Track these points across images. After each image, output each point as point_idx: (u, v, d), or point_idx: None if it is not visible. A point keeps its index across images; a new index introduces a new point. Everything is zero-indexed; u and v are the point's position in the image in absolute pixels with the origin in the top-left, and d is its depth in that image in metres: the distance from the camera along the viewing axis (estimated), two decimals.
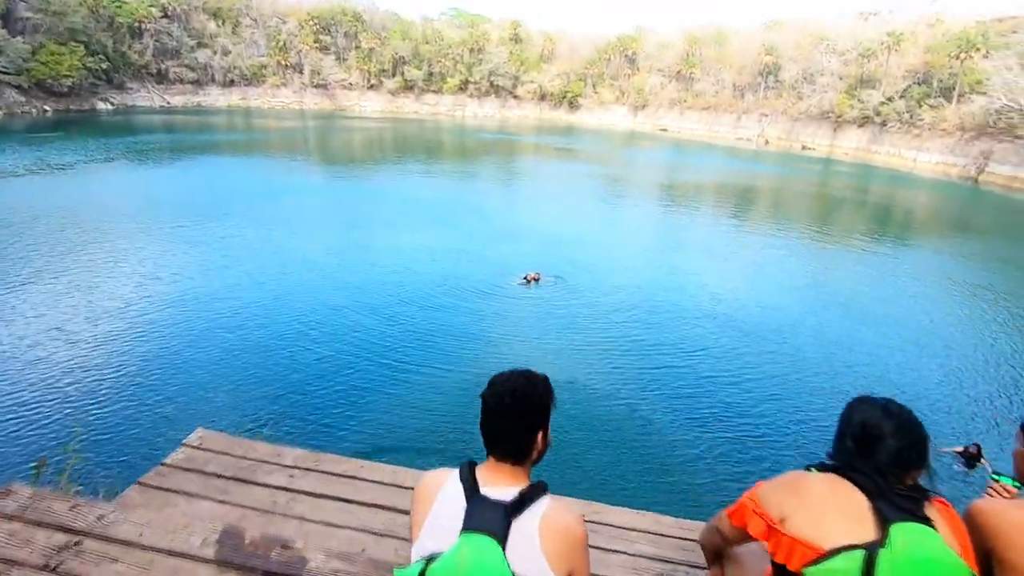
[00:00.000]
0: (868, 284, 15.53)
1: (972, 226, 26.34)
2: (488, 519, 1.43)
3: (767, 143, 61.12)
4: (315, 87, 77.19)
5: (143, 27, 64.31)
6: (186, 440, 3.57)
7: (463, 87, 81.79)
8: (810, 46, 62.72)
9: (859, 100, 54.09)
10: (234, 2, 75.37)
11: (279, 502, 3.07)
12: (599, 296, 13.21)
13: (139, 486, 3.11)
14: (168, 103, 65.05)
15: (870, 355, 10.86)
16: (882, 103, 52.12)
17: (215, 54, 70.64)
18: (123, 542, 2.21)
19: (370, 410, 8.00)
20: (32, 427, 7.14)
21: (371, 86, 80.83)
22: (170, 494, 3.07)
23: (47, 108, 51.51)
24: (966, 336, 12.18)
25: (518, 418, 1.51)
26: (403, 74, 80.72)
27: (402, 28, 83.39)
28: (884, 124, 51.94)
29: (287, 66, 76.05)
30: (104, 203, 19.76)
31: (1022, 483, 1.88)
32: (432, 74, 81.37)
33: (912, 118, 49.69)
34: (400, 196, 24.69)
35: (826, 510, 1.50)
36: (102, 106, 57.39)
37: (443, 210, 22.22)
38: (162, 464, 3.34)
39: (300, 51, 76.01)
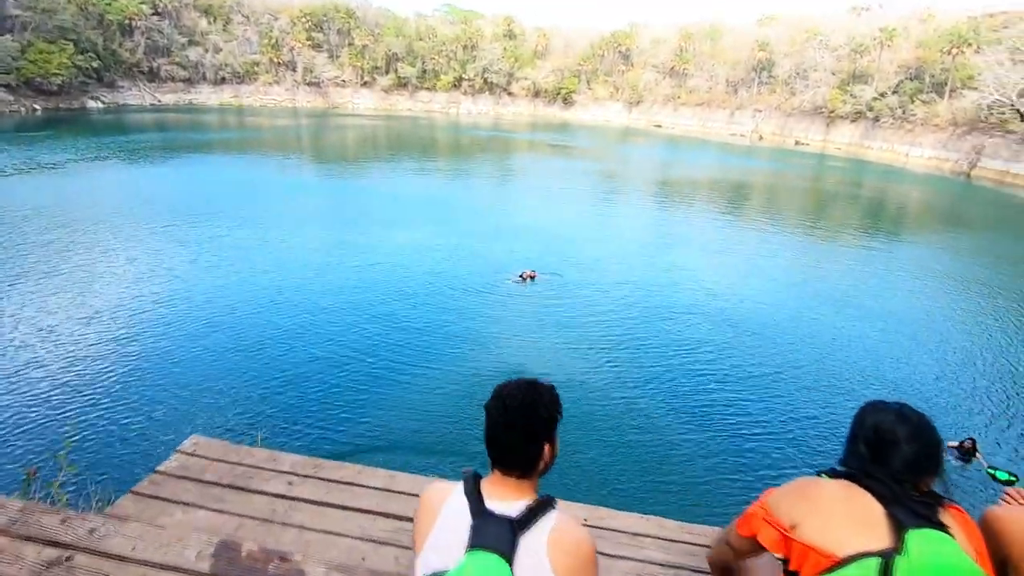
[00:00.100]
0: (863, 279, 15.56)
1: (965, 221, 26.47)
2: (495, 535, 1.39)
3: (761, 138, 61.28)
4: (308, 85, 76.76)
5: (133, 25, 63.75)
6: (180, 447, 3.50)
7: (457, 84, 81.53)
8: (803, 41, 62.91)
9: (852, 95, 54.28)
10: None
11: (278, 510, 3.01)
12: (596, 293, 13.17)
13: (132, 495, 3.04)
14: (159, 101, 64.57)
15: (866, 350, 10.87)
16: (875, 98, 52.31)
17: (206, 52, 70.13)
18: (116, 557, 2.15)
19: (367, 412, 7.93)
20: (21, 434, 7.02)
21: (364, 83, 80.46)
22: (164, 503, 3.00)
23: (36, 107, 51.02)
24: (961, 331, 12.22)
25: (524, 430, 1.47)
26: (396, 71, 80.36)
27: (395, 25, 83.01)
28: (877, 119, 52.13)
29: (279, 64, 75.59)
30: (95, 203, 19.56)
31: None
32: (426, 71, 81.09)
33: (904, 113, 49.89)
34: (394, 194, 24.58)
35: (839, 517, 1.47)
36: (92, 104, 56.92)
37: (438, 208, 22.14)
38: (155, 472, 3.27)
39: (292, 48, 75.55)
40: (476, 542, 1.38)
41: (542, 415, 1.48)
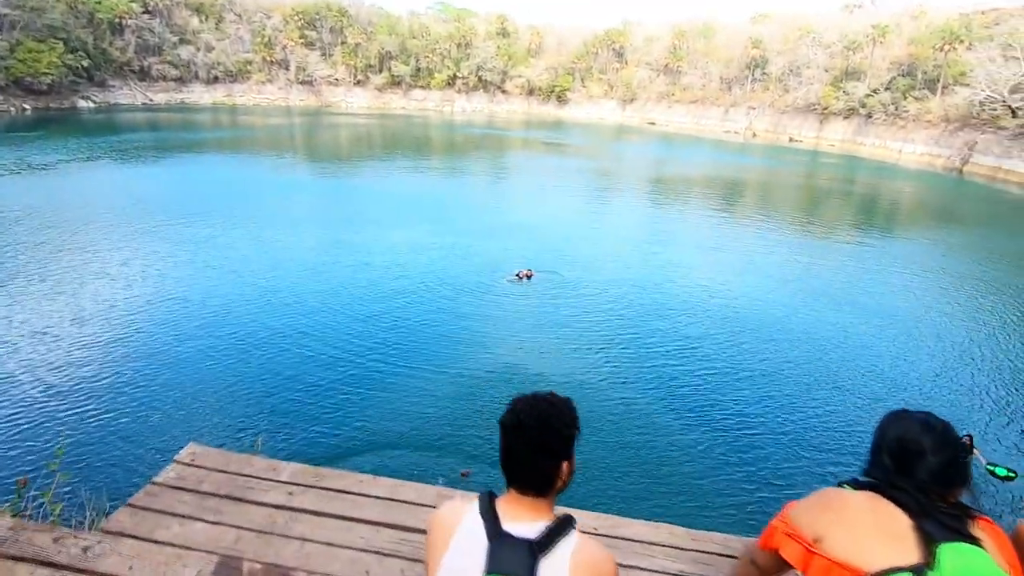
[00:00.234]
0: (857, 276, 15.58)
1: (958, 217, 26.58)
2: (513, 559, 1.33)
3: (754, 136, 61.39)
4: (301, 83, 76.34)
5: (124, 23, 63.16)
6: (177, 456, 3.42)
7: (451, 82, 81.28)
8: (796, 39, 63.08)
9: (845, 92, 54.46)
10: None
11: (278, 522, 2.93)
12: (593, 292, 13.11)
13: (128, 508, 2.95)
14: (151, 100, 64.04)
15: (864, 348, 10.85)
16: (867, 95, 52.49)
17: (198, 50, 69.59)
18: None
19: (368, 417, 7.81)
20: (11, 442, 6.84)
21: (358, 82, 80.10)
22: (161, 516, 2.92)
23: (26, 106, 50.51)
24: (956, 327, 12.23)
25: (542, 448, 1.40)
26: (390, 70, 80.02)
27: (388, 23, 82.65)
28: (870, 116, 52.33)
29: (272, 62, 75.12)
30: (86, 203, 19.34)
31: None
32: (419, 69, 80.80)
33: (897, 110, 50.08)
34: (389, 193, 24.46)
35: (866, 530, 1.42)
36: (83, 104, 56.40)
37: (433, 207, 22.03)
38: (152, 483, 3.18)
39: (285, 47, 75.09)
40: (494, 567, 1.32)
41: (560, 431, 1.41)
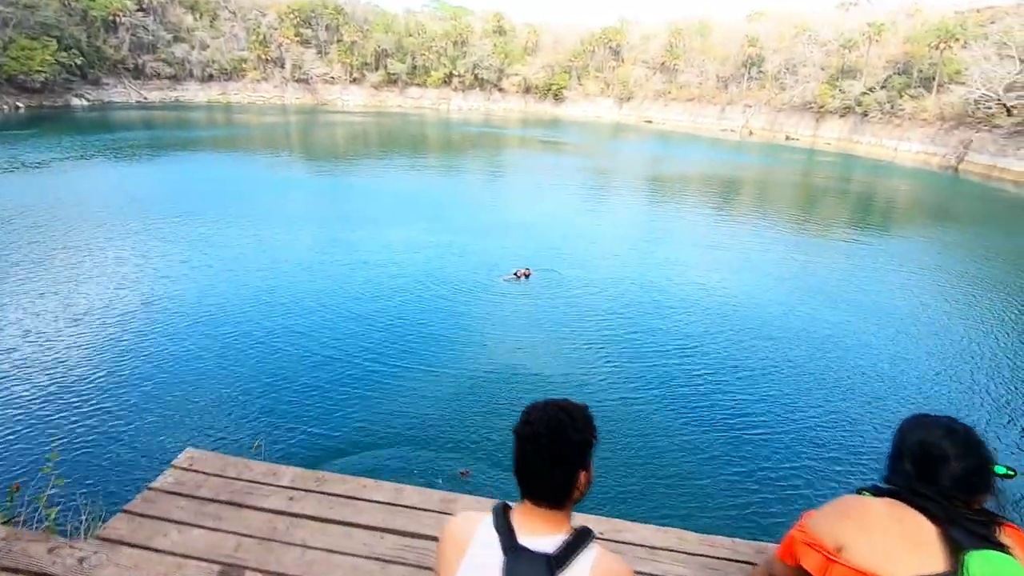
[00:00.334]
0: (854, 273, 15.59)
1: (954, 215, 26.65)
2: (530, 575, 1.27)
3: (751, 134, 61.44)
4: (296, 81, 76.05)
5: (118, 21, 62.77)
6: (175, 461, 3.35)
7: (447, 80, 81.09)
8: (792, 37, 63.12)
9: (841, 90, 54.52)
10: None
11: (278, 528, 2.87)
12: (592, 291, 13.06)
13: (125, 514, 2.88)
14: (145, 99, 63.69)
15: (862, 345, 10.83)
16: (863, 93, 52.56)
17: (193, 48, 69.24)
18: None
19: (365, 416, 7.73)
20: (3, 446, 6.72)
21: (354, 80, 79.83)
22: (159, 522, 2.85)
23: (19, 104, 50.14)
24: (954, 325, 12.23)
25: (558, 459, 1.34)
26: (386, 67, 79.77)
27: (384, 21, 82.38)
28: (865, 114, 52.40)
29: (267, 60, 74.78)
30: (80, 202, 19.18)
31: None
32: (416, 67, 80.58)
33: (893, 108, 50.16)
34: (386, 191, 24.38)
35: (890, 538, 1.39)
36: (77, 102, 56.04)
37: (430, 205, 21.93)
38: (149, 488, 3.11)
39: (281, 45, 74.75)
40: None
41: (576, 440, 1.36)
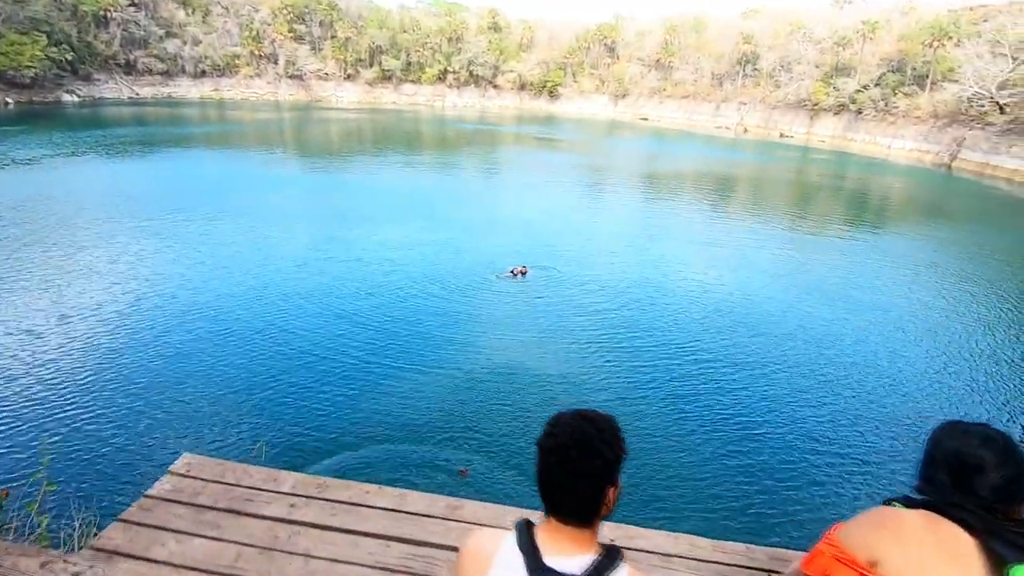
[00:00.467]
0: (849, 270, 15.61)
1: (947, 213, 26.75)
2: None
3: (746, 131, 61.52)
4: (290, 78, 75.46)
5: (109, 16, 62.03)
6: (172, 467, 3.26)
7: (442, 77, 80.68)
8: (787, 34, 63.25)
9: (835, 88, 54.68)
10: None
11: (279, 536, 2.79)
12: (589, 288, 12.99)
13: (120, 523, 2.80)
14: (137, 95, 63.01)
15: (860, 343, 10.83)
16: (857, 91, 52.74)
17: (185, 44, 68.53)
18: None
19: (363, 416, 7.63)
20: None
21: (348, 76, 79.33)
22: (156, 531, 2.76)
23: (9, 100, 49.52)
24: (951, 322, 12.25)
25: (585, 473, 1.27)
26: (380, 64, 79.28)
27: (378, 17, 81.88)
28: (859, 112, 52.59)
29: (261, 56, 74.15)
30: (72, 199, 18.94)
31: None
32: (410, 64, 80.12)
33: (887, 106, 50.36)
34: (381, 189, 24.24)
35: (927, 551, 1.33)
36: (67, 98, 55.39)
37: (425, 203, 21.80)
38: (145, 496, 3.02)
39: (274, 41, 74.14)
40: None
41: (606, 455, 1.28)
